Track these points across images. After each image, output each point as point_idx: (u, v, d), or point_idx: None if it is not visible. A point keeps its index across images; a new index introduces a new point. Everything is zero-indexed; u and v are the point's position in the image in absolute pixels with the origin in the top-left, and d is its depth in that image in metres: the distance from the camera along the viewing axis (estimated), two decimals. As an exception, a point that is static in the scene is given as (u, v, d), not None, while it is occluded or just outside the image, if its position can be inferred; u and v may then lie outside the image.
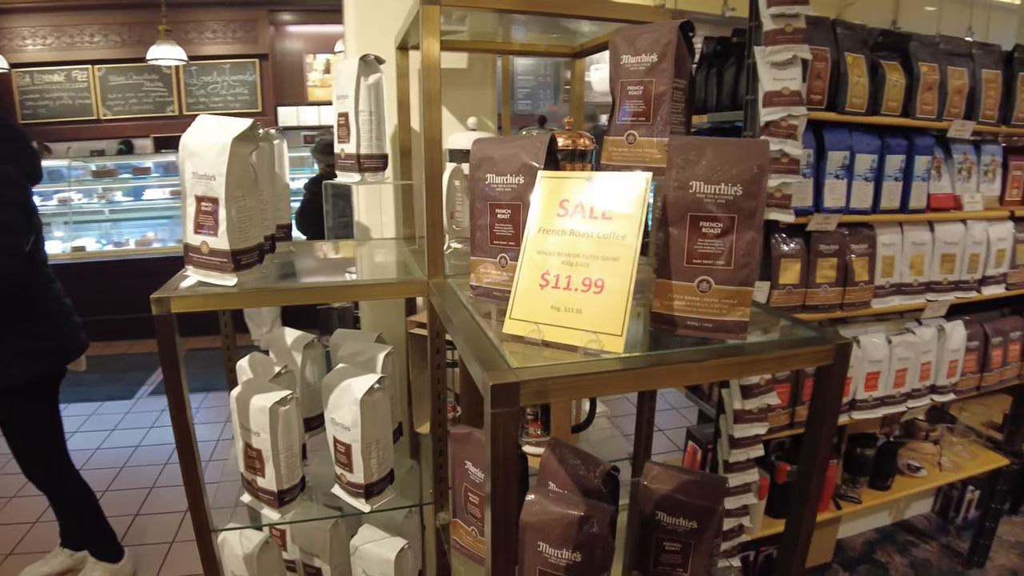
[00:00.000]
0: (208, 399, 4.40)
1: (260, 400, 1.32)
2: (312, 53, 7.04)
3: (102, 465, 3.56)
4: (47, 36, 6.68)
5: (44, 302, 2.27)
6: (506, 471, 0.76)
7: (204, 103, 6.82)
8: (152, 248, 5.57)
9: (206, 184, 1.18)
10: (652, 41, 1.10)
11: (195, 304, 1.17)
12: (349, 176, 1.53)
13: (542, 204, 0.97)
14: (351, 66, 1.47)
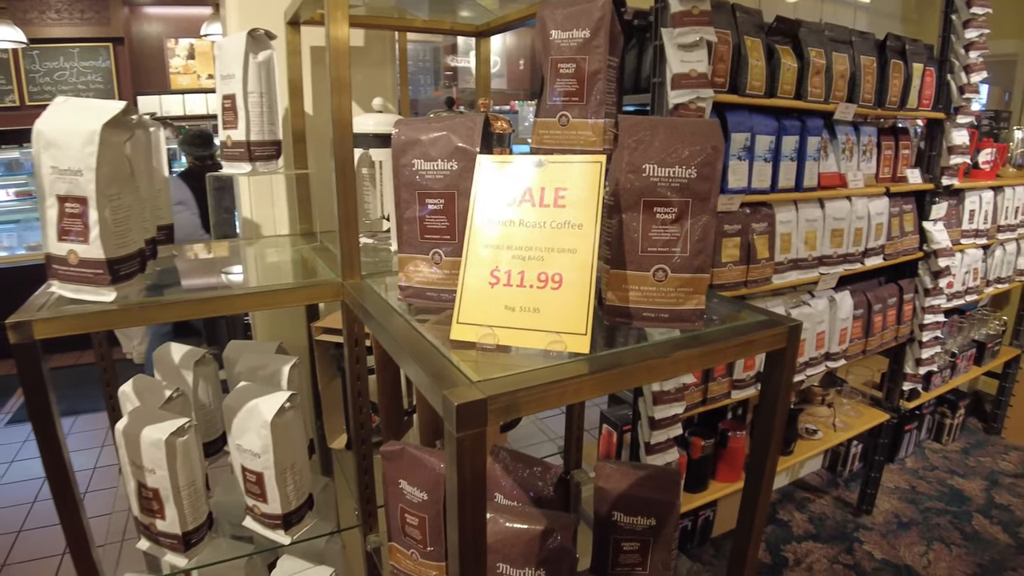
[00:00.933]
0: (79, 423, 3.95)
1: (153, 432, 1.14)
2: (173, 37, 6.45)
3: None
4: None
5: None
6: (474, 500, 0.67)
7: (50, 92, 6.07)
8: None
9: (71, 181, 0.98)
10: (584, 15, 1.03)
11: (65, 327, 0.98)
12: (237, 166, 1.35)
13: (484, 192, 0.87)
14: (237, 42, 1.30)
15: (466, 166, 0.93)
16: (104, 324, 1.00)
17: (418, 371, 0.76)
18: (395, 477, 1.11)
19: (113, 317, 1.00)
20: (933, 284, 2.79)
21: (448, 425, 0.67)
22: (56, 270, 1.03)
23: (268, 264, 1.48)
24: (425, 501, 1.07)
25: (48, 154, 1.00)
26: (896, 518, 2.93)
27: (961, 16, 2.67)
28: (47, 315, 0.97)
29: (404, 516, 1.10)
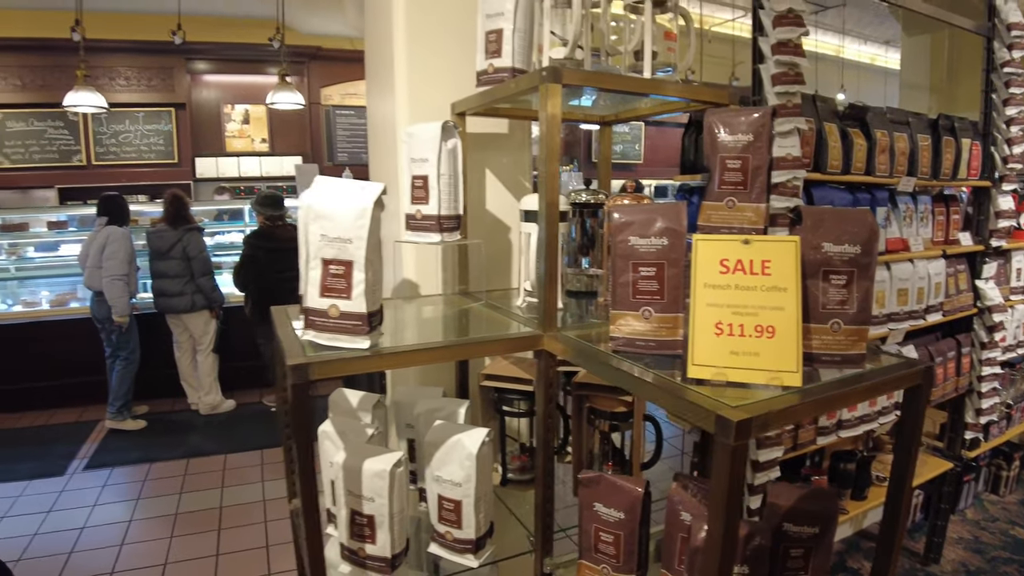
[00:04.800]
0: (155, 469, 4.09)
1: (375, 464, 1.31)
2: (230, 103, 6.87)
3: (44, 553, 3.21)
4: (-68, 78, 6.13)
5: None
6: (735, 498, 0.87)
7: (115, 153, 6.46)
8: (69, 308, 5.13)
9: (339, 247, 1.19)
10: (748, 123, 1.29)
11: (333, 370, 1.17)
12: (427, 236, 1.57)
13: (702, 263, 1.09)
14: (431, 131, 1.53)
15: (674, 242, 1.15)
16: (364, 368, 1.20)
17: (675, 401, 0.96)
18: (590, 501, 1.29)
19: (369, 362, 1.20)
20: (989, 338, 2.98)
21: (723, 439, 0.87)
22: (314, 321, 1.23)
23: (450, 319, 1.67)
24: (621, 520, 1.26)
25: (318, 224, 1.21)
26: (964, 567, 3.03)
27: (1000, 96, 2.94)
28: (319, 359, 1.17)
29: (598, 534, 1.28)
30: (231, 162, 6.76)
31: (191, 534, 3.34)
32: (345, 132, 7.10)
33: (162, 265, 4.56)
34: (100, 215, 4.54)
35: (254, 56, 6.74)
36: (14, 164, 6.30)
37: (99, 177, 6.38)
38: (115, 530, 3.39)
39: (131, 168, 6.51)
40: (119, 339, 4.51)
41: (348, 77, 7.09)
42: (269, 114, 6.86)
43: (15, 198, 6.30)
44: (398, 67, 1.84)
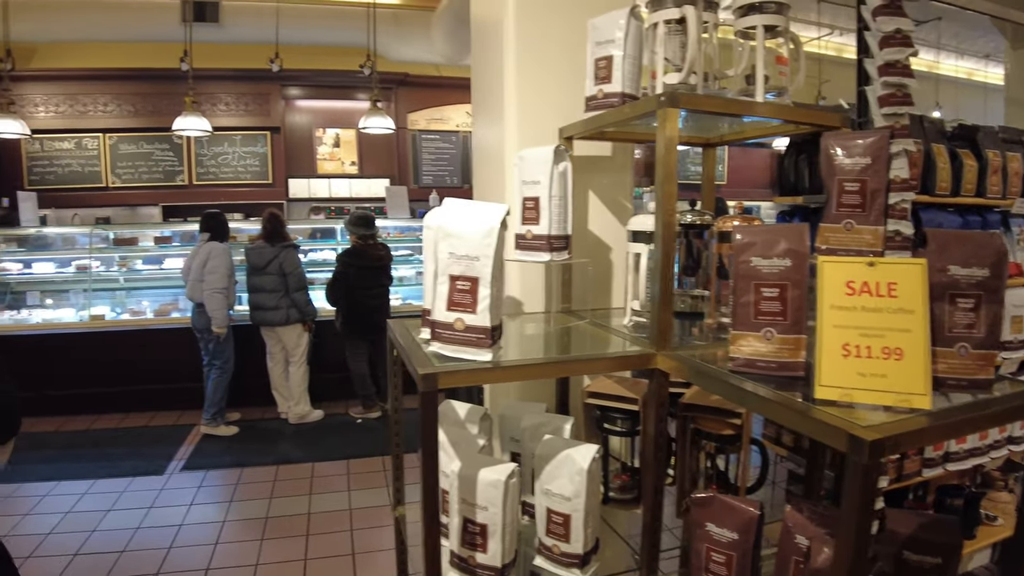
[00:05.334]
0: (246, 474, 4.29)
1: (490, 474, 1.36)
2: (322, 127, 7.21)
3: (145, 546, 3.41)
4: (60, 104, 6.72)
5: None
6: (868, 516, 0.87)
7: (214, 173, 6.89)
8: (171, 318, 5.48)
9: (467, 264, 1.26)
10: (865, 145, 1.29)
11: (459, 380, 1.23)
12: (537, 255, 1.62)
13: (828, 285, 1.09)
14: (543, 154, 1.59)
15: (797, 263, 1.16)
16: (487, 379, 1.25)
17: (803, 420, 0.99)
18: (703, 520, 1.29)
19: (491, 374, 1.25)
20: (1109, 373, 2.79)
21: (856, 458, 0.87)
22: (441, 334, 1.30)
23: (558, 336, 1.71)
24: (735, 541, 1.26)
25: (447, 242, 1.28)
26: (1082, 621, 2.82)
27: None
28: (447, 369, 1.23)
29: (709, 555, 1.28)
30: (322, 183, 7.09)
31: (280, 538, 3.47)
32: (430, 156, 7.33)
33: (259, 280, 4.82)
34: (203, 231, 4.85)
35: (345, 82, 7.08)
36: (124, 183, 6.80)
37: (199, 196, 6.81)
38: (210, 529, 3.56)
39: (229, 188, 6.92)
40: (216, 348, 4.78)
41: (434, 103, 7.34)
42: (359, 138, 7.16)
43: (124, 214, 6.80)
44: (508, 95, 1.92)
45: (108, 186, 6.79)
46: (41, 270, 5.83)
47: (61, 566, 3.19)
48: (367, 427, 5.07)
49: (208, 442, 4.81)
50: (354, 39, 6.75)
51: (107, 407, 5.43)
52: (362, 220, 4.89)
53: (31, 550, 3.32)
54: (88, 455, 4.56)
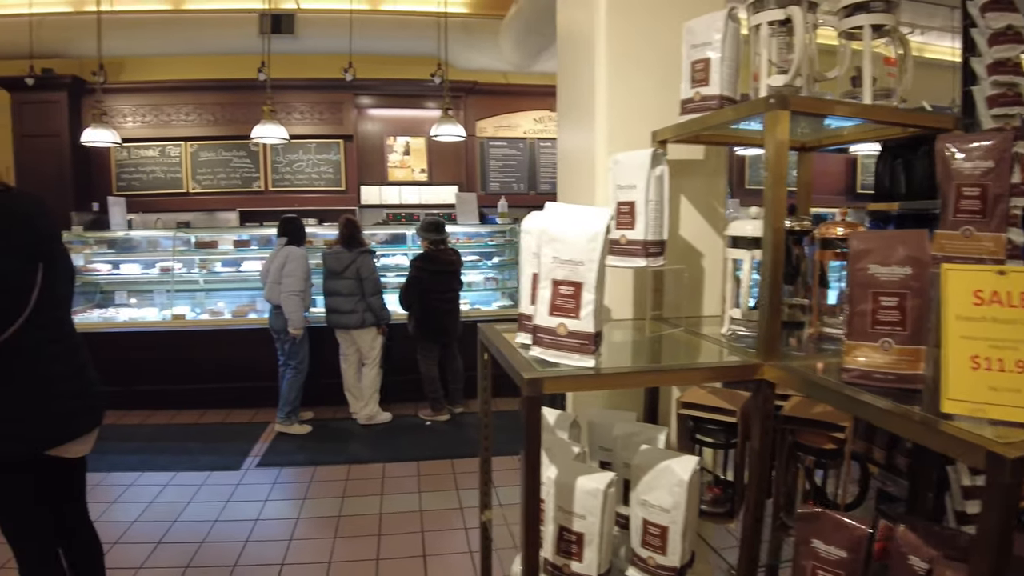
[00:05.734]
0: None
1: (589, 482, 1.35)
2: (393, 135, 7.36)
3: (223, 539, 3.52)
4: (146, 114, 7.08)
5: (15, 385, 2.08)
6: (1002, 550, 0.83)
7: (289, 180, 7.12)
8: (248, 319, 5.70)
9: (571, 269, 1.25)
10: (986, 148, 1.22)
11: (563, 385, 1.22)
12: (632, 261, 1.60)
13: (953, 294, 1.03)
14: (640, 158, 1.57)
15: (919, 271, 1.10)
16: (592, 386, 1.24)
17: (932, 436, 0.95)
18: (808, 537, 1.24)
19: (594, 380, 1.24)
20: None
21: (997, 477, 0.83)
22: (543, 338, 1.29)
23: (653, 343, 1.68)
24: (843, 559, 1.20)
25: (551, 247, 1.27)
26: None
27: None
28: (551, 374, 1.22)
29: (815, 572, 1.23)
30: (393, 190, 7.23)
31: (352, 537, 3.53)
32: (498, 163, 7.39)
33: (336, 284, 4.95)
34: (280, 235, 5.01)
35: (415, 91, 7.22)
36: (204, 189, 7.11)
37: (275, 202, 7.05)
38: (284, 526, 3.66)
39: (303, 194, 7.14)
40: (292, 349, 4.93)
41: (501, 110, 7.40)
42: (428, 145, 7.28)
43: (203, 219, 7.09)
44: (598, 99, 1.91)
45: (189, 192, 7.11)
46: (128, 271, 6.16)
47: (145, 553, 3.34)
48: (436, 430, 5.14)
49: (282, 440, 4.95)
50: (424, 48, 6.88)
51: (187, 403, 5.69)
52: (433, 226, 4.98)
53: (118, 536, 3.49)
54: (170, 448, 4.77)
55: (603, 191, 1.84)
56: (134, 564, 3.24)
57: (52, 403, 2.13)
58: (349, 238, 4.95)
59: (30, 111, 6.87)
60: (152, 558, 3.31)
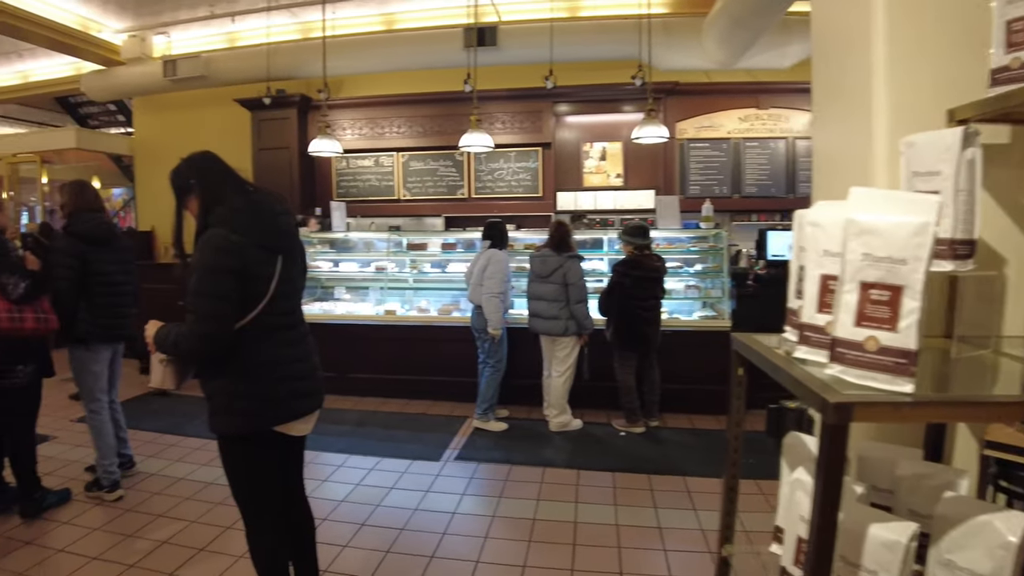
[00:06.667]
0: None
1: (885, 532, 1.11)
2: (589, 141, 7.32)
3: (422, 528, 3.62)
4: (363, 127, 7.70)
5: (252, 364, 2.24)
6: None
7: (490, 187, 7.36)
8: (451, 317, 5.94)
9: (888, 269, 1.02)
10: None
11: (878, 415, 1.00)
12: (936, 264, 1.32)
13: None
14: (946, 139, 1.29)
15: None
16: (911, 416, 1.00)
17: None
18: None
19: (921, 410, 1.00)
20: None
21: None
22: (843, 354, 1.08)
23: (961, 366, 1.39)
24: None
25: (860, 240, 1.05)
26: None
27: None
28: (864, 399, 1.00)
29: None
30: (588, 196, 7.19)
31: (546, 542, 3.46)
32: (698, 165, 7.05)
33: (541, 288, 4.94)
34: (485, 238, 5.14)
35: (612, 96, 7.12)
36: (414, 196, 7.59)
37: (476, 208, 7.33)
38: (480, 522, 3.67)
39: (502, 201, 7.34)
40: (491, 348, 5.03)
41: (703, 110, 7.06)
42: (624, 150, 7.15)
43: (411, 223, 7.58)
44: (876, 78, 1.64)
45: (400, 199, 7.63)
46: (345, 269, 6.72)
47: (350, 533, 3.53)
48: (630, 441, 4.94)
49: (479, 436, 5.07)
50: (623, 52, 6.75)
51: (393, 392, 6.07)
52: (638, 230, 4.82)
53: (327, 514, 3.74)
54: (376, 434, 5.08)
55: (884, 188, 1.57)
56: (340, 542, 3.44)
57: (282, 384, 2.30)
58: (559, 242, 4.90)
59: (266, 127, 7.81)
60: (356, 538, 3.49)
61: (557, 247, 4.89)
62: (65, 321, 3.69)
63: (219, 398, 2.27)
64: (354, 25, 7.74)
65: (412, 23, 7.71)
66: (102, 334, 3.85)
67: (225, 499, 3.94)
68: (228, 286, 2.13)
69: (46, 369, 3.84)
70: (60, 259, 3.69)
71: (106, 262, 3.83)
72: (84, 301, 3.75)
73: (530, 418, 5.43)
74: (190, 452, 4.80)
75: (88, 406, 3.94)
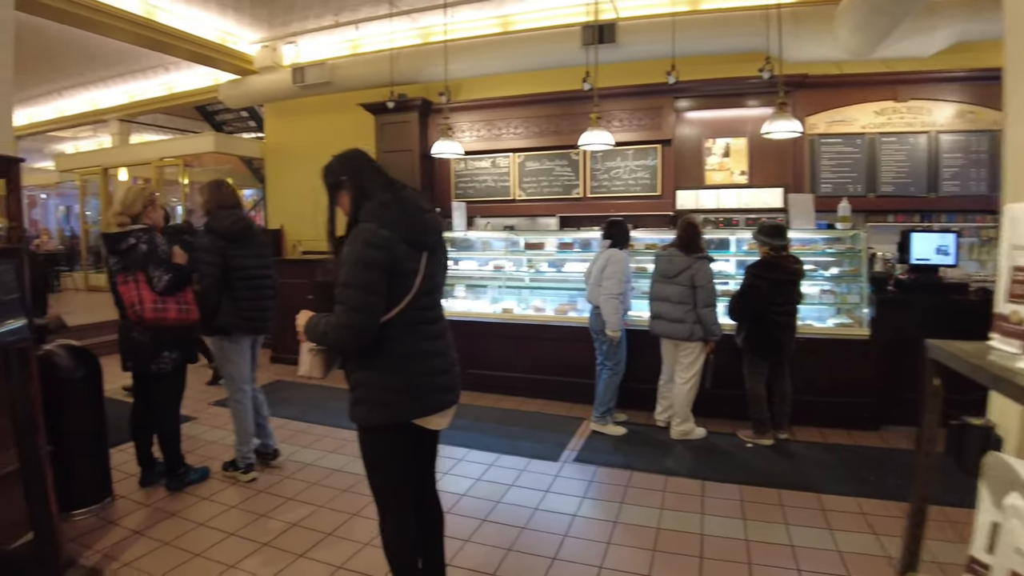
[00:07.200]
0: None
1: None
2: (711, 137, 7.07)
3: (542, 528, 3.60)
4: (480, 129, 7.83)
5: (396, 357, 2.29)
6: None
7: (606, 187, 7.27)
8: (567, 317, 5.91)
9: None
10: None
11: None
12: None
13: None
14: None
15: None
16: None
17: None
18: None
19: None
20: None
21: None
22: (999, 325, 1.11)
23: None
24: None
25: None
26: None
27: None
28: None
29: None
30: (710, 194, 6.95)
31: (672, 553, 3.34)
32: (830, 162, 6.62)
33: (666, 289, 4.78)
34: (605, 238, 5.05)
35: (735, 90, 6.84)
36: (529, 196, 7.63)
37: (591, 207, 7.27)
38: (602, 527, 3.60)
39: (618, 200, 7.24)
40: (609, 350, 4.93)
41: (835, 104, 6.63)
42: (750, 146, 6.86)
43: (525, 223, 7.62)
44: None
45: (515, 199, 7.70)
46: (465, 267, 6.86)
47: (471, 528, 3.58)
48: (758, 454, 4.69)
49: (597, 438, 5.00)
50: (748, 44, 6.47)
51: (509, 390, 6.14)
52: (775, 230, 4.55)
53: (449, 507, 3.75)
54: (494, 430, 5.14)
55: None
56: (462, 536, 3.49)
57: (424, 378, 2.35)
58: (688, 242, 4.72)
59: (388, 130, 8.11)
60: (478, 533, 3.53)
61: (686, 247, 4.71)
62: (208, 313, 3.96)
63: (362, 389, 2.34)
64: (472, 28, 7.89)
65: (528, 23, 7.75)
66: (244, 326, 4.10)
67: (351, 487, 4.11)
68: (377, 279, 2.19)
69: (190, 356, 4.13)
70: (203, 256, 3.96)
71: (245, 257, 4.07)
72: (226, 295, 4.01)
73: (648, 423, 5.31)
74: (317, 439, 5.05)
75: (233, 395, 4.21)
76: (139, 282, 3.69)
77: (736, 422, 5.13)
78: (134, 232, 3.74)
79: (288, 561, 3.25)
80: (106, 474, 3.95)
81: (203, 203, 4.14)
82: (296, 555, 3.30)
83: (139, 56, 9.26)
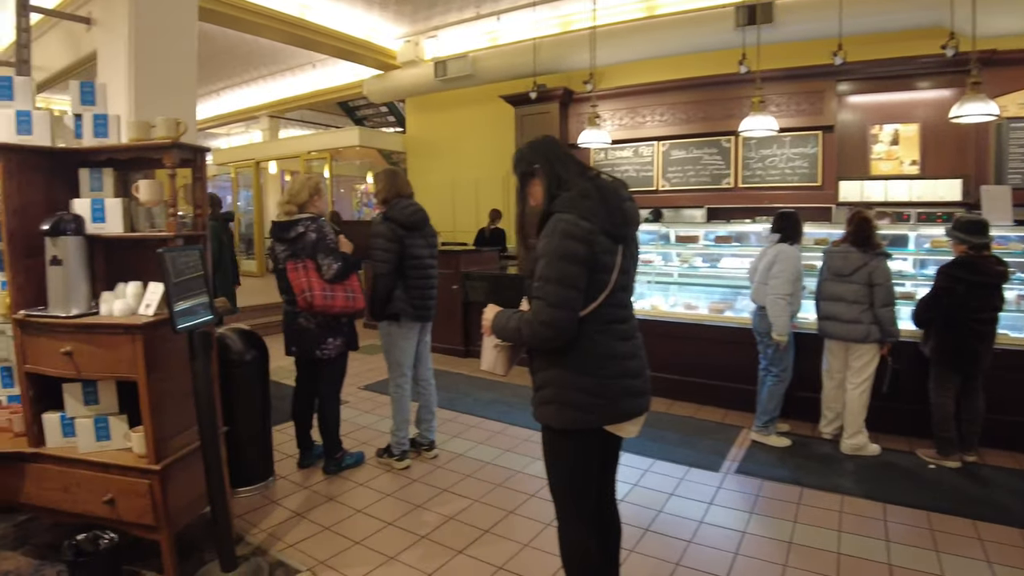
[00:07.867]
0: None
1: None
2: (878, 124, 6.47)
3: (709, 543, 3.41)
4: (623, 117, 7.63)
5: (589, 357, 2.16)
6: None
7: (760, 176, 6.86)
8: (723, 317, 5.60)
9: None
10: None
11: None
12: None
13: None
14: None
15: None
16: None
17: None
18: None
19: None
20: None
21: None
22: None
23: None
24: None
25: None
26: None
27: None
28: None
29: None
30: (876, 185, 6.38)
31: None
32: (1021, 148, 5.87)
33: (839, 288, 4.43)
34: (774, 231, 4.70)
35: (906, 71, 6.22)
36: (673, 187, 7.35)
37: (743, 199, 6.88)
38: (776, 548, 3.35)
39: (773, 191, 6.80)
40: (775, 355, 4.62)
41: (1031, 82, 5.86)
42: (922, 132, 6.21)
43: (669, 215, 7.35)
44: None
45: (658, 189, 7.44)
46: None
47: (635, 537, 3.43)
48: (943, 476, 4.23)
49: (759, 449, 4.70)
50: (924, 18, 5.84)
51: (657, 391, 5.83)
52: (976, 226, 4.05)
53: (610, 510, 3.69)
54: (646, 433, 4.87)
55: None
56: (626, 545, 3.31)
57: (618, 381, 2.21)
58: (864, 238, 4.34)
59: (528, 121, 8.07)
60: (642, 544, 3.39)
61: (861, 243, 4.34)
62: (383, 300, 4.06)
63: (551, 389, 2.23)
64: (616, 13, 7.68)
65: (675, 6, 7.43)
66: (414, 313, 4.17)
67: (504, 481, 4.12)
68: (577, 273, 2.08)
69: (352, 343, 4.24)
70: (381, 243, 4.03)
71: (419, 246, 4.14)
72: (400, 282, 4.08)
73: (814, 436, 4.94)
74: (466, 429, 5.11)
75: (395, 380, 4.29)
76: (308, 269, 3.84)
77: (912, 439, 4.67)
78: (302, 220, 3.88)
79: (447, 557, 3.25)
80: (269, 454, 4.16)
81: (380, 192, 4.21)
82: (455, 551, 3.30)
83: (289, 55, 9.83)
